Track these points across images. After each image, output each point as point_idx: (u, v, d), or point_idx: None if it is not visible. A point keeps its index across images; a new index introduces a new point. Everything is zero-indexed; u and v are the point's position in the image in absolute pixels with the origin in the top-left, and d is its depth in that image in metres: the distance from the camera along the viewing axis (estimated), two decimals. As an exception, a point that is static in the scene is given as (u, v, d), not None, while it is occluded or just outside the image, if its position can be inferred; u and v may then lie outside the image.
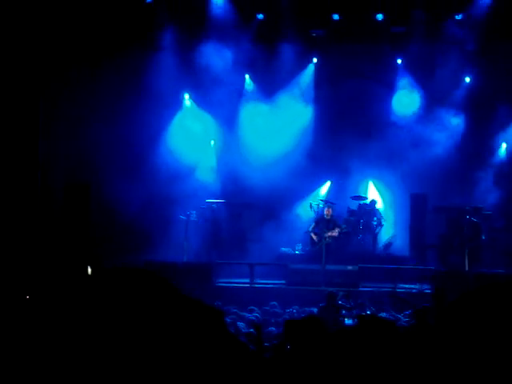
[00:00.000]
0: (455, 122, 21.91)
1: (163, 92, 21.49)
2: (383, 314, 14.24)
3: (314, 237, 20.13)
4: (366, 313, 14.19)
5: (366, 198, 22.11)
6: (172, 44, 21.79)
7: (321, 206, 21.06)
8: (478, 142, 21.56)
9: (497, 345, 3.92)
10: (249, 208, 22.13)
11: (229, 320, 12.30)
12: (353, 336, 4.22)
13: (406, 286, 18.54)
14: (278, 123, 22.42)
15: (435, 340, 4.12)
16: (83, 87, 21.17)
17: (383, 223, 21.63)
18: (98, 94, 21.20)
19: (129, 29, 20.92)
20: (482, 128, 21.40)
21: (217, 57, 21.52)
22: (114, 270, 4.41)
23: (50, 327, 4.18)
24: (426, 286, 18.18)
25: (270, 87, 22.60)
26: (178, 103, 22.73)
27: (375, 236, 21.63)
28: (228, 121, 22.57)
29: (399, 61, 22.38)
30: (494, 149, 21.83)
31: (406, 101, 22.43)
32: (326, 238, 19.55)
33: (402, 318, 13.99)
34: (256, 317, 13.59)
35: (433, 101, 22.10)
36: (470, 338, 3.96)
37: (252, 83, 22.91)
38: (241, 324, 12.48)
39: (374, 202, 22.00)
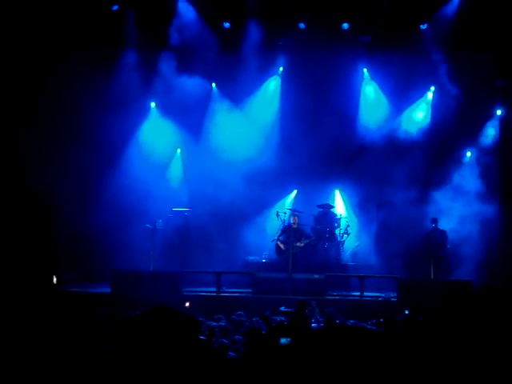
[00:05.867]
0: (421, 131, 22.07)
1: (129, 101, 21.43)
2: (350, 322, 14.29)
3: (281, 245, 20.15)
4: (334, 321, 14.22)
5: (332, 207, 22.13)
6: (138, 53, 21.71)
7: (287, 214, 21.10)
8: (443, 151, 21.67)
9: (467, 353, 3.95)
10: (215, 216, 22.02)
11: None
12: (322, 339, 4.20)
13: (372, 294, 18.65)
14: (244, 132, 22.38)
15: (406, 347, 4.13)
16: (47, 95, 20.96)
17: (349, 231, 21.68)
18: (63, 103, 21.00)
19: (94, 37, 20.81)
20: (447, 137, 21.52)
21: (183, 65, 21.51)
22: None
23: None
24: (392, 294, 18.30)
25: (236, 96, 22.57)
26: (145, 112, 22.61)
27: (341, 244, 21.65)
28: (195, 129, 22.51)
29: (365, 70, 22.49)
30: (459, 158, 21.88)
31: (371, 109, 22.55)
32: (294, 247, 19.59)
33: (369, 326, 14.01)
34: (222, 326, 13.54)
35: (399, 110, 22.25)
36: (445, 347, 3.99)
37: (218, 92, 22.87)
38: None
39: (328, 206, 22.01)
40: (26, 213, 20.38)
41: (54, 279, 18.32)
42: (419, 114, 22.33)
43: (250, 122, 22.62)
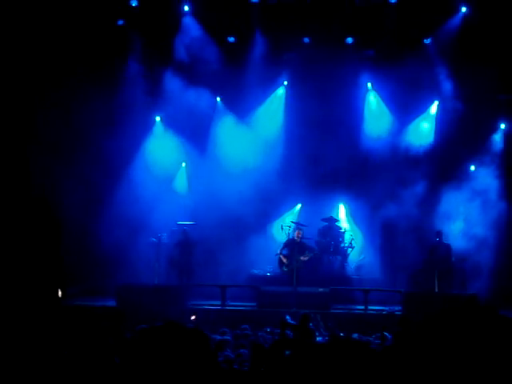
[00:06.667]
0: (425, 144, 22.11)
1: (134, 115, 21.51)
2: (354, 336, 14.31)
3: (284, 259, 20.14)
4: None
5: (336, 220, 22.15)
6: (143, 67, 21.80)
7: (292, 228, 21.10)
8: (447, 164, 21.68)
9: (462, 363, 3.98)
10: (220, 229, 22.01)
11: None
12: (326, 352, 4.24)
13: (377, 307, 18.65)
14: (248, 145, 22.42)
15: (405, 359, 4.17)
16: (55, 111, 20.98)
17: (354, 245, 21.68)
18: (68, 117, 21.02)
19: (100, 52, 20.91)
20: (451, 150, 21.54)
21: (188, 79, 21.59)
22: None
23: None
24: (396, 308, 18.29)
25: (241, 109, 22.63)
26: (150, 126, 22.67)
27: (346, 258, 21.66)
28: (199, 143, 22.57)
29: (369, 83, 22.56)
30: (464, 172, 21.83)
31: (376, 123, 22.58)
32: (297, 261, 19.59)
33: (373, 340, 14.01)
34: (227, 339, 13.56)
35: (403, 123, 22.28)
36: (438, 357, 4.03)
37: (223, 105, 22.93)
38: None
39: (332, 220, 22.04)
40: (32, 225, 20.39)
41: (59, 293, 18.32)
42: (424, 126, 22.36)
43: (255, 135, 22.65)
